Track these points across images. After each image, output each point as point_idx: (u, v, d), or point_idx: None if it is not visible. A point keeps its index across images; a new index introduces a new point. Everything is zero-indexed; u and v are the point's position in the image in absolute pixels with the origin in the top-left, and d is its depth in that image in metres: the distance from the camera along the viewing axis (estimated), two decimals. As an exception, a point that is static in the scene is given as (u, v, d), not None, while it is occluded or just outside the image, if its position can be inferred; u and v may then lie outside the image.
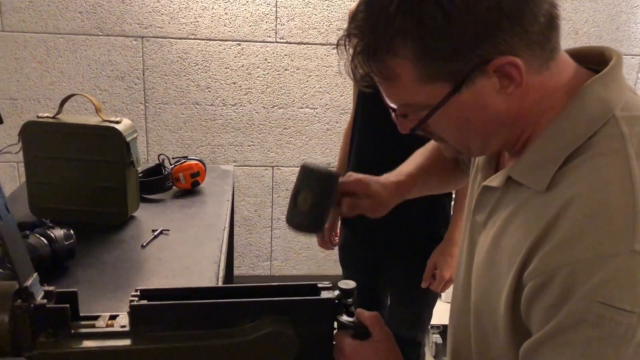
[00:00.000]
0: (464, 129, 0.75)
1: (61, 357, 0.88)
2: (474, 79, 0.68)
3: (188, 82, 2.96)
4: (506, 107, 0.71)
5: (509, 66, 0.67)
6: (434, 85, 0.70)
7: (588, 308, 0.62)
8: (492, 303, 0.76)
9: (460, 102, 0.70)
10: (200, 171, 1.84)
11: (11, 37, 2.84)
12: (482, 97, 0.70)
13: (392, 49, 0.68)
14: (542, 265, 0.66)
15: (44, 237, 1.29)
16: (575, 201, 0.65)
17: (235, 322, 0.92)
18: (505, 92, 0.70)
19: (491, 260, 0.78)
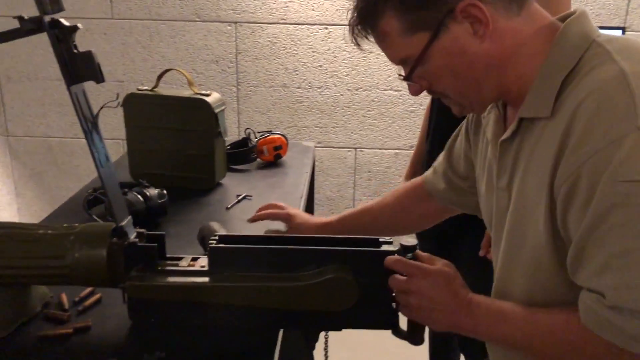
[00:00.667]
0: (454, 76, 0.85)
1: (148, 289, 1.00)
2: (448, 25, 0.82)
3: (277, 65, 3.09)
4: (485, 50, 0.82)
5: (471, 8, 0.80)
6: (417, 35, 0.83)
7: (614, 190, 0.69)
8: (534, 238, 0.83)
9: (442, 48, 0.83)
10: (283, 145, 1.95)
11: (119, 24, 3.10)
12: (460, 42, 0.83)
13: (378, 11, 0.84)
14: (566, 169, 0.74)
15: (140, 195, 1.44)
16: (581, 106, 0.74)
17: (301, 267, 1.01)
18: (478, 35, 0.82)
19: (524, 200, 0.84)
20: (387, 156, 3.18)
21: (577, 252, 0.76)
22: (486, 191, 1.02)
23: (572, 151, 0.74)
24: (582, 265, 0.76)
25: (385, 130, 3.15)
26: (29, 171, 3.41)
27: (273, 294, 0.99)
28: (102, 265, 1.00)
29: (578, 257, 0.76)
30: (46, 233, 1.02)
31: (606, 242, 0.72)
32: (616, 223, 0.70)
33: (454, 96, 0.90)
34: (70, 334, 1.02)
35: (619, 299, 0.72)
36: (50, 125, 3.30)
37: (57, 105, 3.25)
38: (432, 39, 0.82)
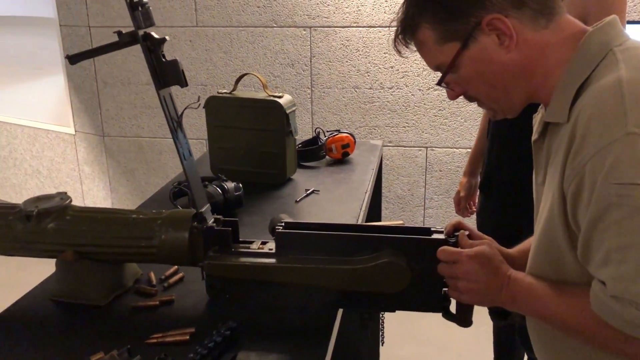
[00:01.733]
0: (484, 83, 0.93)
1: (223, 268, 1.14)
2: (476, 36, 0.90)
3: (349, 67, 3.20)
4: (511, 59, 0.89)
5: (496, 21, 0.87)
6: (449, 45, 0.92)
7: (608, 192, 0.77)
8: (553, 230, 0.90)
9: (471, 57, 0.91)
10: (350, 143, 2.05)
11: (203, 31, 3.32)
12: (487, 52, 0.91)
13: (415, 23, 0.94)
14: (572, 170, 0.82)
15: (219, 187, 1.59)
16: (581, 112, 0.81)
17: (358, 252, 1.11)
18: (504, 45, 0.88)
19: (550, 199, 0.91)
20: (459, 155, 3.21)
21: (583, 246, 0.84)
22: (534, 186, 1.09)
23: (574, 155, 0.82)
24: (589, 256, 0.84)
25: (457, 129, 3.18)
26: (122, 168, 3.71)
27: (332, 276, 1.10)
28: (184, 246, 1.14)
29: (585, 250, 0.84)
30: (138, 217, 1.18)
31: (605, 238, 0.79)
32: (612, 221, 0.77)
33: (485, 101, 0.99)
34: (157, 305, 1.18)
35: (616, 289, 0.79)
36: (141, 126, 3.58)
37: (147, 107, 3.53)
38: (462, 49, 0.91)
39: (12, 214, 1.19)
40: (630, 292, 0.78)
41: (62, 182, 4.04)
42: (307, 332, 1.10)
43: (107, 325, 1.13)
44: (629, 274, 0.77)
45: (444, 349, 2.76)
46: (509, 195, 1.80)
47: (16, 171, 4.35)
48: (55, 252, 1.18)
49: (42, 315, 1.17)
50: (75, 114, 3.76)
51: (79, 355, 1.01)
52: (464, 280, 1.00)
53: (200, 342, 1.00)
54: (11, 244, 1.19)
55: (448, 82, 0.97)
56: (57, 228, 1.17)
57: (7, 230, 1.18)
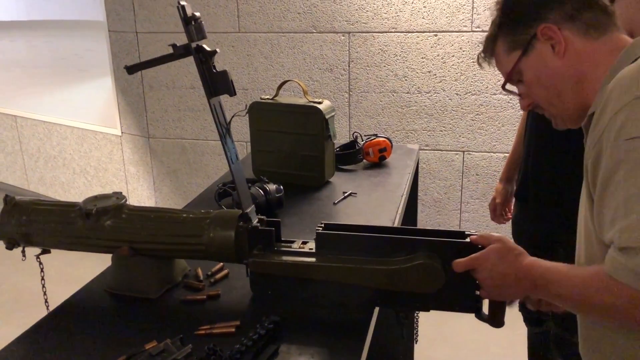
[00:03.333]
0: (541, 87, 1.05)
1: (267, 265, 1.21)
2: (534, 44, 1.04)
3: (387, 72, 3.25)
4: (563, 65, 1.01)
5: (547, 30, 1.02)
6: (514, 53, 1.07)
7: (619, 149, 0.84)
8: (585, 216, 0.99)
9: (531, 63, 1.04)
10: (387, 147, 2.10)
11: (245, 37, 3.42)
12: (544, 58, 1.04)
13: (495, 37, 1.11)
14: (590, 143, 0.92)
15: (261, 189, 1.67)
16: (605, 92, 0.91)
17: (394, 253, 1.16)
18: (557, 52, 1.02)
19: None
20: (496, 160, 3.22)
21: (597, 212, 0.91)
22: None
23: (593, 127, 0.92)
24: (601, 222, 0.90)
25: (494, 133, 3.19)
26: (166, 169, 3.84)
27: (369, 275, 1.16)
28: (230, 244, 1.22)
29: (599, 217, 0.90)
30: (188, 217, 1.26)
31: (615, 195, 0.85)
32: (621, 178, 0.84)
33: (545, 106, 1.10)
34: (204, 299, 1.26)
35: (623, 239, 0.84)
36: (184, 128, 3.70)
37: (191, 110, 3.65)
38: (522, 55, 1.06)
39: (72, 212, 1.29)
40: (635, 239, 0.82)
41: (109, 182, 4.21)
42: (345, 328, 1.16)
43: (158, 317, 1.21)
44: (635, 223, 0.82)
45: (478, 352, 2.78)
46: (546, 205, 1.81)
47: (65, 170, 4.55)
48: (111, 248, 1.27)
49: (99, 306, 1.26)
50: (122, 115, 3.91)
51: (133, 343, 1.09)
52: (487, 280, 1.07)
53: (245, 334, 1.07)
54: (72, 240, 1.29)
55: (519, 91, 1.12)
56: (113, 225, 1.26)
57: (68, 227, 1.28)
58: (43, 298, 1.37)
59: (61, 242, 1.30)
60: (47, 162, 4.69)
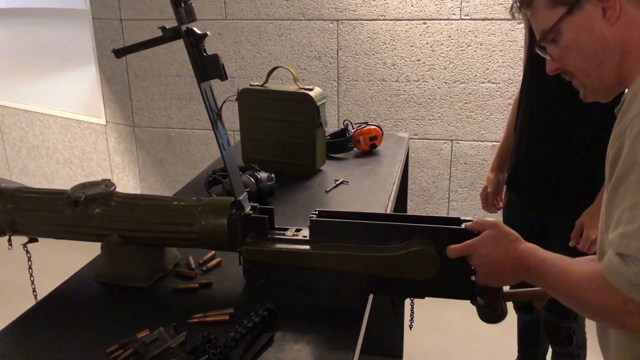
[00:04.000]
0: (580, 52, 0.95)
1: (260, 253, 1.19)
2: (583, 4, 0.92)
3: (376, 60, 3.23)
4: (610, 33, 0.92)
5: None
6: (556, 9, 0.95)
7: (633, 151, 0.81)
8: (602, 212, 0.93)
9: (574, 24, 0.94)
10: (378, 135, 2.09)
11: (232, 24, 3.38)
12: (590, 21, 0.93)
13: None
14: (613, 138, 0.87)
15: (252, 177, 1.65)
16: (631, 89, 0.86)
17: (388, 240, 1.15)
18: (607, 17, 0.91)
19: None
20: (484, 148, 3.23)
21: (606, 211, 0.88)
22: None
23: (617, 122, 0.87)
24: (609, 219, 0.87)
25: (482, 122, 3.19)
26: (152, 158, 3.80)
27: (364, 262, 1.15)
28: (223, 232, 1.20)
29: (607, 216, 0.88)
30: (179, 204, 1.24)
31: (624, 198, 0.83)
32: (632, 181, 0.81)
33: (578, 74, 1.00)
34: (196, 288, 1.24)
35: (622, 246, 0.82)
36: (170, 117, 3.66)
37: (177, 99, 3.60)
38: (567, 14, 0.94)
39: (60, 200, 1.26)
40: (635, 248, 0.80)
41: (93, 172, 4.15)
42: (340, 316, 1.15)
43: (150, 306, 1.19)
44: (635, 231, 0.80)
45: (468, 340, 2.79)
46: (537, 192, 1.81)
47: (49, 160, 4.48)
48: (101, 236, 1.24)
49: (89, 295, 1.24)
50: (107, 104, 3.85)
51: (125, 332, 1.07)
52: (482, 266, 1.06)
53: (240, 322, 1.06)
54: (60, 228, 1.26)
55: (549, 51, 1.00)
56: (103, 213, 1.23)
57: (56, 215, 1.25)
58: (30, 288, 1.35)
59: (49, 230, 1.27)
60: (29, 152, 4.62)
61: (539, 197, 1.81)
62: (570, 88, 1.70)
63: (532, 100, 1.80)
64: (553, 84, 1.70)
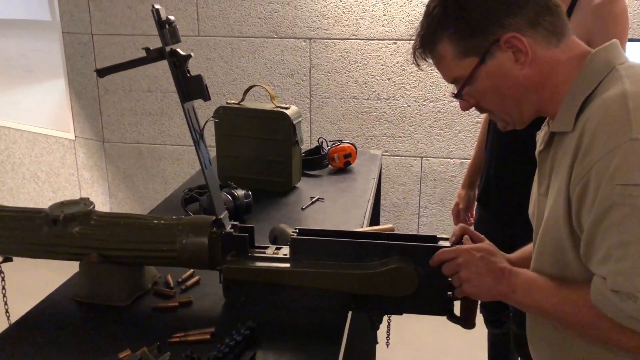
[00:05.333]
0: (498, 95, 1.01)
1: (241, 272, 1.20)
2: (494, 52, 0.97)
3: (348, 78, 3.28)
4: (525, 75, 0.97)
5: (514, 39, 0.95)
6: (468, 59, 0.99)
7: (612, 192, 0.84)
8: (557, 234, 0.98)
9: (488, 72, 0.98)
10: (352, 153, 2.13)
11: (204, 41, 3.39)
12: (504, 67, 0.98)
13: (436, 38, 1.01)
14: (578, 174, 0.89)
15: (229, 195, 1.66)
16: (588, 121, 0.89)
17: (367, 257, 1.18)
18: (519, 62, 0.96)
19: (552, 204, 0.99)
20: (453, 165, 3.30)
21: (586, 244, 0.91)
22: (533, 198, 1.16)
23: (581, 159, 0.89)
24: (590, 254, 0.91)
25: (451, 140, 3.27)
26: (122, 174, 3.76)
27: (344, 280, 1.17)
28: (204, 250, 1.21)
29: (587, 248, 0.91)
30: (159, 223, 1.24)
31: (607, 236, 0.86)
32: (615, 220, 0.85)
33: (497, 113, 1.06)
34: (176, 306, 1.24)
35: (616, 283, 0.86)
36: (141, 132, 3.63)
37: (148, 114, 3.58)
38: (480, 63, 0.98)
39: (38, 218, 1.25)
40: (629, 286, 0.84)
41: (61, 187, 4.08)
42: (320, 333, 1.16)
43: (129, 325, 1.19)
44: (629, 269, 0.84)
45: (438, 354, 2.83)
46: (507, 208, 1.87)
47: (14, 175, 4.38)
48: (80, 255, 1.24)
49: (66, 315, 1.23)
50: (76, 119, 3.81)
51: (106, 352, 1.07)
52: (464, 269, 1.06)
53: (221, 340, 1.07)
54: (37, 247, 1.25)
55: (463, 94, 1.04)
56: (82, 232, 1.23)
57: (34, 234, 1.24)
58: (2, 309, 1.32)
59: (26, 249, 1.26)
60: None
61: (508, 213, 1.86)
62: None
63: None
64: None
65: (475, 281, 1.06)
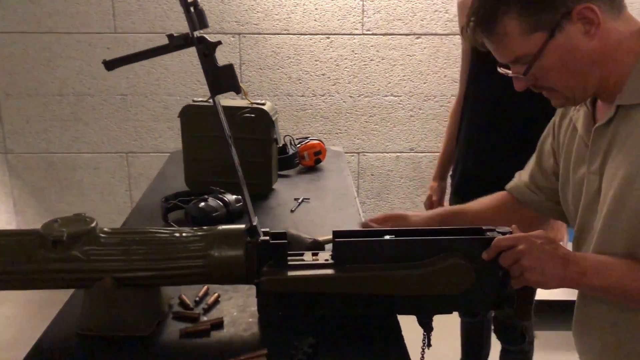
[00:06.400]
0: (565, 71, 0.98)
1: (282, 283, 1.08)
2: (564, 26, 0.94)
3: (281, 74, 3.18)
4: (593, 47, 0.95)
5: (587, 10, 0.92)
6: (535, 35, 0.95)
7: None
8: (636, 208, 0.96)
9: (557, 47, 0.95)
10: (322, 150, 2.04)
11: (122, 38, 3.11)
12: (573, 40, 0.95)
13: (499, 15, 0.95)
14: None
15: (220, 200, 1.51)
16: None
17: (417, 257, 1.10)
18: (589, 34, 0.94)
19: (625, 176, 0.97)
20: (389, 160, 3.31)
21: None
22: (572, 178, 1.14)
23: None
24: None
25: (386, 134, 3.28)
26: (29, 188, 3.36)
27: (398, 282, 1.08)
28: (241, 264, 1.07)
29: None
30: (182, 236, 1.08)
31: None
32: None
33: (561, 89, 1.01)
34: (208, 329, 1.09)
35: None
36: (51, 140, 3.27)
37: (59, 120, 3.23)
38: (549, 38, 0.95)
39: (32, 242, 1.04)
40: None
41: (-49, 207, 3.57)
42: (379, 338, 1.08)
43: (160, 357, 1.02)
44: None
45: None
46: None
47: None
48: (88, 281, 1.04)
49: (76, 356, 1.03)
50: (-32, 129, 3.34)
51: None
52: (527, 257, 1.01)
53: (284, 362, 0.95)
54: (32, 277, 1.04)
55: (516, 71, 0.99)
56: (91, 253, 1.04)
57: (28, 260, 1.03)
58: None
59: (16, 280, 1.04)
60: None
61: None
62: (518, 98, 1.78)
63: (478, 112, 1.86)
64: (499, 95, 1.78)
65: (539, 269, 1.01)
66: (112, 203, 3.36)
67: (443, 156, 2.09)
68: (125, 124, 3.23)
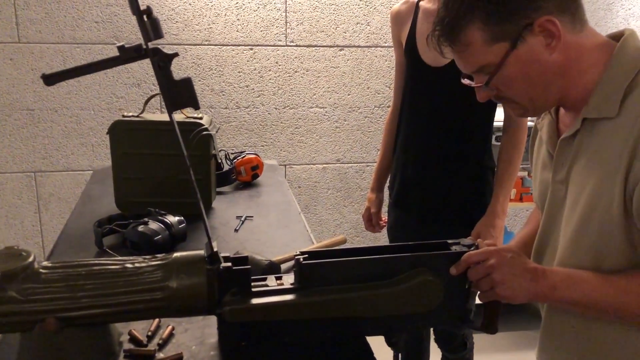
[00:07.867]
0: (526, 82, 0.99)
1: (248, 312, 1.01)
2: (525, 37, 0.95)
3: (203, 86, 3.07)
4: (554, 60, 0.97)
5: (548, 23, 0.94)
6: (498, 45, 0.96)
7: None
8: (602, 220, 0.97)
9: (519, 57, 0.96)
10: (259, 164, 1.97)
11: (27, 49, 2.88)
12: (534, 52, 0.96)
13: (464, 24, 0.96)
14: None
15: (161, 223, 1.40)
16: None
17: (387, 274, 1.07)
18: (550, 46, 0.95)
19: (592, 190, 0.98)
20: (316, 171, 3.29)
21: None
22: (539, 185, 1.16)
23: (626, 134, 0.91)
24: None
25: (313, 146, 3.25)
26: None
27: (367, 303, 1.04)
28: (202, 294, 0.98)
29: None
30: (135, 267, 0.98)
31: None
32: None
33: (521, 101, 1.03)
34: (168, 367, 0.99)
35: None
36: (-54, 160, 2.95)
37: (-45, 138, 2.93)
38: (511, 49, 0.95)
39: (-43, 283, 0.89)
40: None
41: None
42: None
43: (116, 404, 0.92)
44: None
45: None
46: (429, 211, 1.88)
47: None
48: (27, 324, 0.92)
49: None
50: None
51: None
52: (498, 271, 1.01)
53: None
54: (-41, 323, 0.90)
55: (478, 81, 1.00)
56: (30, 292, 0.91)
57: (-47, 304, 0.88)
58: None
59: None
60: None
61: (432, 216, 1.88)
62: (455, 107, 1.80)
63: (415, 122, 1.87)
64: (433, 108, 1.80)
65: (510, 283, 1.02)
66: (18, 227, 3.09)
67: (380, 168, 2.08)
68: (32, 141, 2.98)
